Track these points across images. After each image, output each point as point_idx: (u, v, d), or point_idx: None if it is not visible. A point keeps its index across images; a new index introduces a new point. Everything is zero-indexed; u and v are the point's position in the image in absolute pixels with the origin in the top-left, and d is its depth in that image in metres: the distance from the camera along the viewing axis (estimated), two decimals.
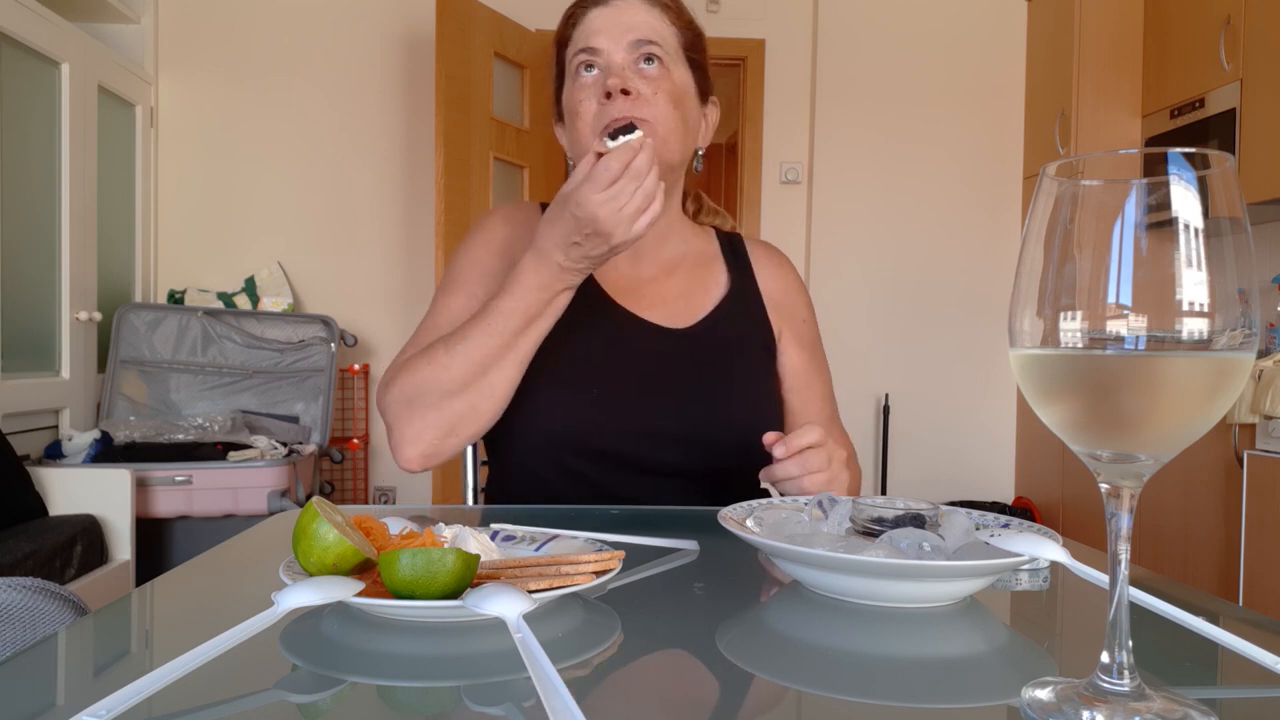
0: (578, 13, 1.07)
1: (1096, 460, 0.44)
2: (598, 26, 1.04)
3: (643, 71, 1.04)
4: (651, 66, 1.04)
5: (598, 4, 1.06)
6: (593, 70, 1.04)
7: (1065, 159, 0.43)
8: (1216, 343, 0.40)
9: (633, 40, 1.03)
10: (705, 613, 0.62)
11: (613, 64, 1.03)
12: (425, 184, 3.74)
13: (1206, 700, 0.45)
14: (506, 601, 0.50)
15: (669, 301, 1.15)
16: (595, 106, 1.03)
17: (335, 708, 0.47)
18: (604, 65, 1.04)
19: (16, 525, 2.41)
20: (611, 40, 1.04)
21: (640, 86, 1.02)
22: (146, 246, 3.71)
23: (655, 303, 1.14)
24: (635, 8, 1.05)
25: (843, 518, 0.71)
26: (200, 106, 3.79)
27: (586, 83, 1.04)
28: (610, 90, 1.01)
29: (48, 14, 2.95)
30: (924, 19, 4.01)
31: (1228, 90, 3.04)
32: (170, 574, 0.70)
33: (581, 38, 1.05)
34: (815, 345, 1.22)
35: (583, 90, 1.04)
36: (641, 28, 1.04)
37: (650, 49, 1.04)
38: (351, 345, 3.59)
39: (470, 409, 0.98)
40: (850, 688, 0.50)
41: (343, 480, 3.76)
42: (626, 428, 1.06)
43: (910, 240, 4.05)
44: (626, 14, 1.05)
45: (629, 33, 1.04)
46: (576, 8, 1.07)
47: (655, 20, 1.06)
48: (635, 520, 0.92)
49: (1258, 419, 2.54)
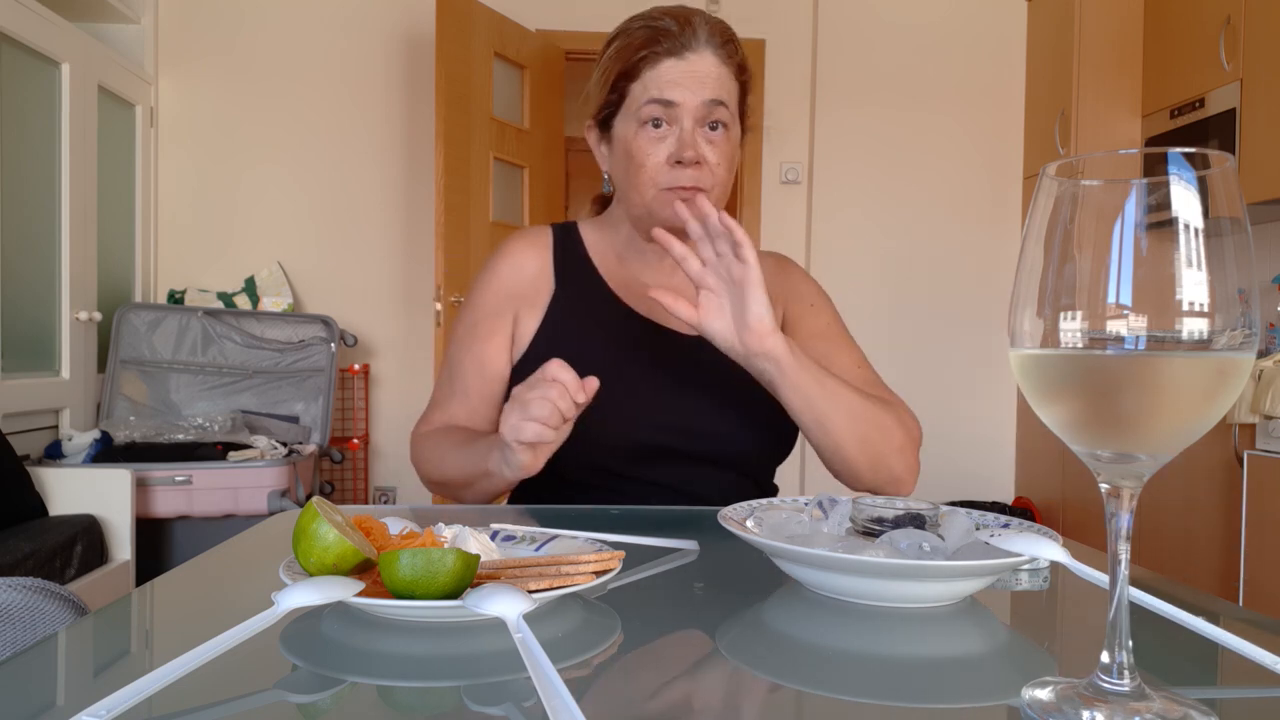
0: (651, 56, 1.08)
1: (1096, 460, 0.44)
2: (674, 78, 1.07)
3: (710, 137, 1.08)
4: (717, 133, 1.09)
5: (673, 55, 1.07)
6: (660, 126, 1.08)
7: (1065, 159, 0.43)
8: (1216, 343, 0.40)
9: (706, 100, 1.07)
10: (705, 613, 0.62)
11: (684, 125, 1.07)
12: (425, 184, 3.74)
13: (1206, 700, 0.45)
14: (506, 601, 0.50)
15: None
16: (663, 165, 1.07)
17: (335, 708, 0.47)
18: (674, 119, 1.07)
19: (16, 525, 2.41)
20: (687, 94, 1.07)
21: (708, 155, 1.07)
22: (146, 246, 3.71)
23: None
24: (710, 63, 1.08)
25: (843, 518, 0.71)
26: (200, 106, 3.79)
27: (654, 136, 1.08)
28: (684, 160, 1.06)
29: (48, 14, 2.95)
30: (924, 19, 4.01)
31: (1228, 90, 3.04)
32: (170, 574, 0.70)
33: (655, 85, 1.07)
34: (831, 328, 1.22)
35: (650, 144, 1.08)
36: (713, 85, 1.08)
37: (719, 113, 1.08)
38: (351, 345, 3.59)
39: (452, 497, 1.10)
40: (850, 688, 0.50)
41: (343, 480, 3.76)
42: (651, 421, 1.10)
43: (910, 240, 4.05)
44: (701, 68, 1.08)
45: (703, 90, 1.07)
46: (649, 48, 1.08)
47: (725, 76, 1.09)
48: (635, 520, 0.92)
49: (1258, 419, 2.54)
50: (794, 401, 1.00)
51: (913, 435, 1.09)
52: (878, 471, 1.05)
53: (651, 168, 1.08)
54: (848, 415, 1.01)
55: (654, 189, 1.08)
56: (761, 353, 0.97)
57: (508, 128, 3.68)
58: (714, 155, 1.08)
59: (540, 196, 3.87)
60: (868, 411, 1.03)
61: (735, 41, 1.12)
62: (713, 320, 0.98)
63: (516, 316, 1.18)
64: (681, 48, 1.07)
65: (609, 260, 1.21)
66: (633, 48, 1.09)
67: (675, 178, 1.07)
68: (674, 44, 1.07)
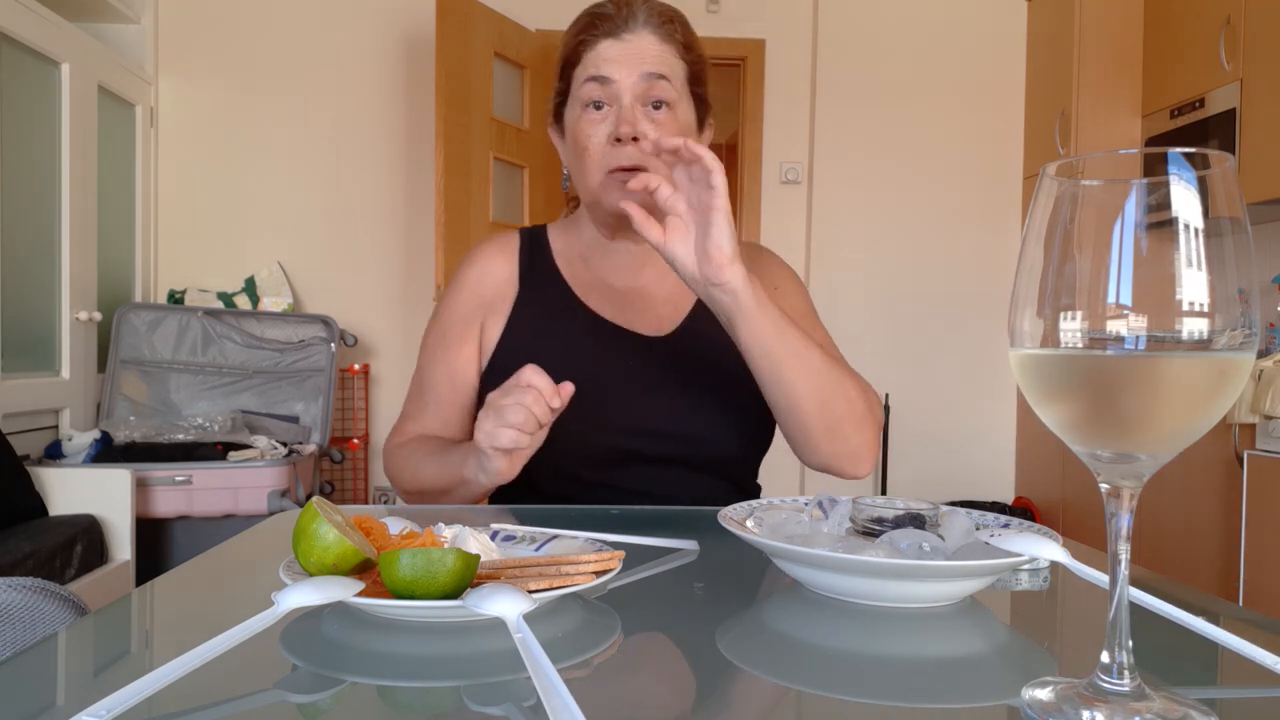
0: (589, 39, 1.07)
1: (1096, 460, 0.44)
2: (610, 55, 1.06)
3: (652, 116, 1.06)
4: (660, 112, 1.07)
5: (610, 35, 1.07)
6: (601, 108, 1.06)
7: (1065, 159, 0.43)
8: (1216, 343, 0.40)
9: (644, 73, 1.05)
10: (705, 613, 0.62)
11: (622, 103, 1.05)
12: (425, 184, 3.74)
13: (1206, 700, 0.45)
14: (506, 601, 0.50)
15: (651, 308, 1.17)
16: (604, 146, 1.06)
17: (335, 708, 0.47)
18: (613, 98, 1.06)
19: (16, 525, 2.41)
20: (623, 70, 1.05)
21: (648, 131, 1.04)
22: (146, 246, 3.71)
23: (635, 310, 1.16)
24: (648, 41, 1.07)
25: (843, 518, 0.71)
26: (200, 106, 3.79)
27: (595, 119, 1.06)
28: (621, 136, 1.04)
29: (48, 14, 2.95)
30: (924, 19, 4.01)
31: (1228, 90, 3.04)
32: (170, 574, 0.70)
33: (592, 64, 1.06)
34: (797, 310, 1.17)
35: (591, 125, 1.06)
36: (652, 61, 1.06)
37: (659, 87, 1.06)
38: (351, 345, 3.59)
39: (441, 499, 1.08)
40: (850, 688, 0.50)
41: (343, 480, 3.76)
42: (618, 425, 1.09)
43: (910, 240, 4.05)
44: (638, 46, 1.06)
45: (640, 65, 1.05)
46: (587, 32, 1.07)
47: (667, 55, 1.08)
48: (635, 520, 0.92)
49: (1258, 419, 2.54)
50: (751, 345, 0.96)
51: (875, 413, 1.05)
52: (834, 441, 1.01)
53: (594, 150, 1.06)
54: (807, 370, 0.97)
55: (599, 172, 1.07)
56: (720, 283, 0.92)
57: (508, 128, 3.68)
58: (655, 132, 1.05)
59: (540, 196, 3.87)
60: (830, 372, 0.99)
61: (678, 22, 1.10)
62: (676, 245, 0.93)
63: (483, 323, 1.17)
64: (618, 29, 1.06)
65: (574, 263, 1.19)
66: (573, 34, 1.09)
67: (615, 157, 1.05)
68: (610, 25, 1.06)
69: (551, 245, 1.21)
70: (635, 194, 0.94)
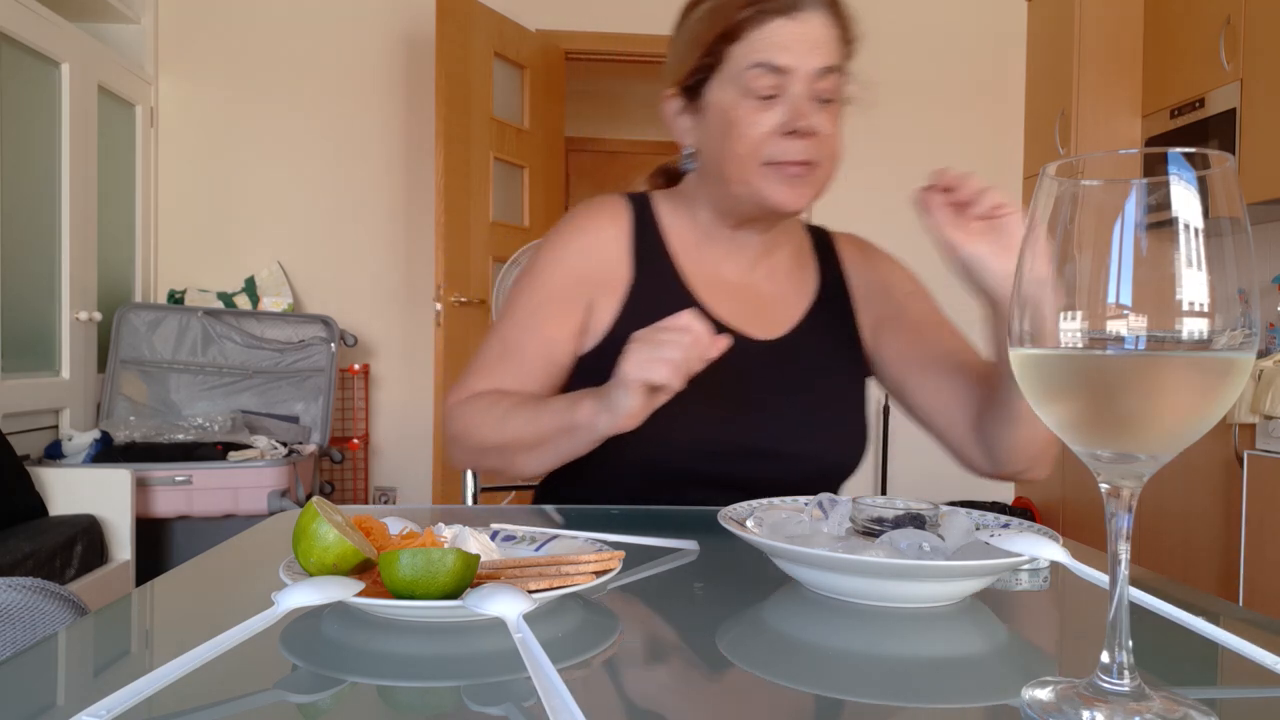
0: (757, 15, 0.98)
1: (1096, 460, 0.44)
2: (783, 41, 0.98)
3: (823, 108, 1.00)
4: (830, 106, 1.01)
5: (782, 13, 0.98)
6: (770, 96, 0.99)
7: (1065, 159, 0.43)
8: (1216, 343, 0.40)
9: (819, 68, 0.98)
10: (705, 613, 0.62)
11: (794, 92, 0.98)
12: (425, 184, 3.74)
13: (1206, 700, 0.45)
14: (506, 601, 0.50)
15: (764, 308, 1.11)
16: (770, 136, 0.99)
17: (335, 708, 0.47)
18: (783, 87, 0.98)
19: (16, 525, 2.41)
20: (799, 60, 0.98)
21: (820, 126, 0.99)
22: (146, 246, 3.71)
23: (749, 309, 1.10)
24: (820, 24, 0.99)
25: (843, 518, 0.71)
26: (200, 106, 3.79)
27: (760, 107, 0.99)
28: (799, 130, 0.98)
29: (48, 14, 2.95)
30: (924, 19, 4.01)
31: (1228, 90, 3.04)
32: (170, 574, 0.70)
33: (763, 47, 0.98)
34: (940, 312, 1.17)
35: (756, 113, 0.99)
36: (826, 51, 0.99)
37: (832, 81, 1.00)
38: (351, 345, 3.59)
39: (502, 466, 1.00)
40: (850, 688, 0.50)
41: (343, 480, 3.76)
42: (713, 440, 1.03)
43: (910, 240, 4.04)
44: (813, 29, 0.98)
45: (815, 55, 0.98)
46: (755, 6, 0.98)
47: (835, 41, 1.01)
48: (635, 520, 0.92)
49: (1258, 419, 2.54)
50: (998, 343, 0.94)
51: None
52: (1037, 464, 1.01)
53: (756, 139, 0.98)
54: None
55: (757, 162, 0.99)
56: None
57: (508, 128, 3.68)
58: (828, 127, 0.99)
59: (540, 196, 3.87)
60: None
61: (842, 3, 1.03)
62: (978, 244, 0.90)
63: (591, 304, 1.07)
64: (790, 6, 0.98)
65: (687, 247, 1.11)
66: (735, 5, 0.99)
67: (785, 150, 0.98)
68: (782, 2, 0.97)
69: (662, 225, 1.12)
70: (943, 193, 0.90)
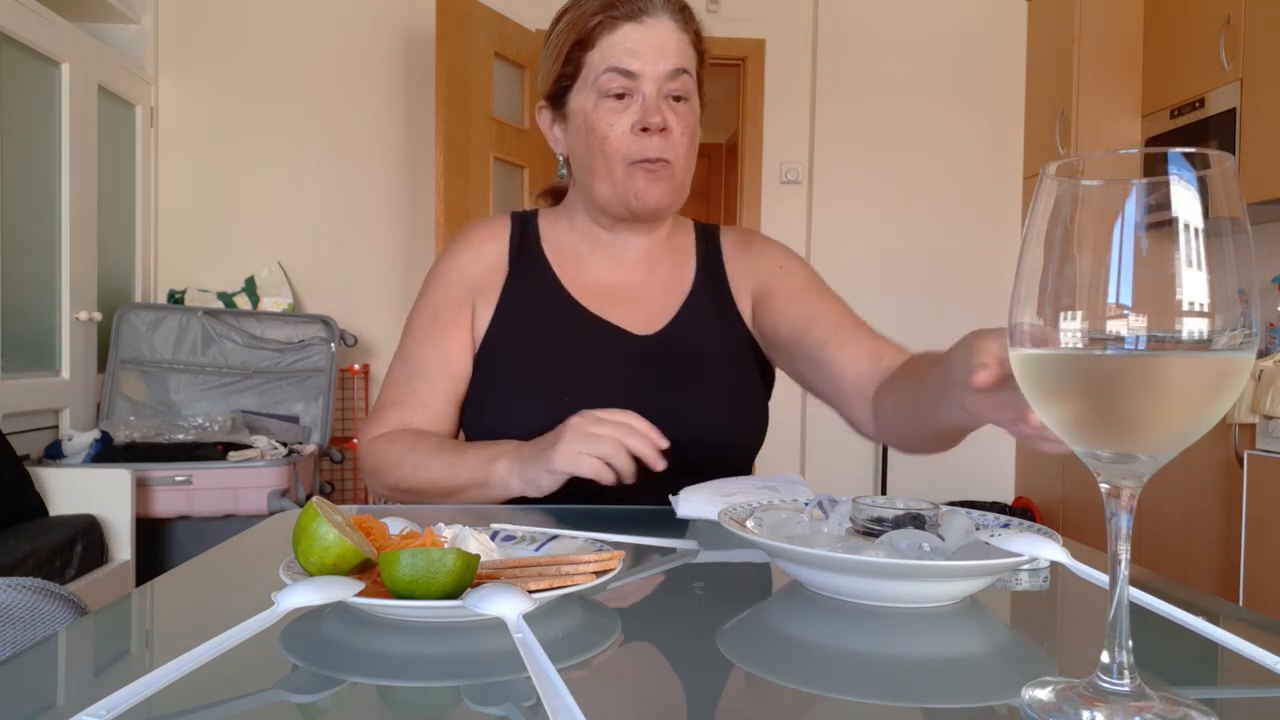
0: (607, 21, 1.05)
1: (1096, 460, 0.44)
2: (632, 46, 1.04)
3: (673, 107, 1.06)
4: (680, 103, 1.07)
5: (630, 19, 1.04)
6: (622, 97, 1.05)
7: (1065, 159, 0.43)
8: (1216, 343, 0.40)
9: (669, 70, 1.05)
10: (705, 613, 0.62)
11: (646, 93, 1.05)
12: (425, 184, 3.74)
13: (1206, 700, 0.45)
14: (506, 601, 0.50)
15: (641, 304, 1.15)
16: (628, 136, 1.05)
17: (335, 708, 0.47)
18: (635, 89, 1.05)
19: (16, 525, 2.41)
20: (648, 64, 1.04)
21: (672, 123, 1.05)
22: (146, 246, 3.71)
23: (625, 306, 1.14)
24: (668, 29, 1.06)
25: (843, 518, 0.71)
26: (200, 106, 3.79)
27: (617, 108, 1.05)
28: (649, 127, 1.04)
29: (48, 14, 2.95)
30: (924, 19, 4.01)
31: (1228, 90, 3.04)
32: (170, 574, 0.70)
33: (614, 54, 1.04)
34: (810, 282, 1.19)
35: (613, 115, 1.05)
36: (675, 55, 1.05)
37: (682, 82, 1.06)
38: (351, 345, 3.59)
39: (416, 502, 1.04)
40: (850, 688, 0.50)
41: (343, 480, 3.76)
42: None
43: (910, 240, 4.05)
44: (660, 35, 1.05)
45: (664, 59, 1.05)
46: (605, 14, 1.05)
47: (685, 45, 1.07)
48: (635, 520, 0.92)
49: (1258, 419, 2.54)
50: None
51: None
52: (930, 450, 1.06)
53: (615, 139, 1.05)
54: None
55: (622, 162, 1.05)
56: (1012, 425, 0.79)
57: (508, 128, 3.68)
58: (679, 125, 1.05)
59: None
60: None
61: (690, 9, 1.10)
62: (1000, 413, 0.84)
63: (474, 307, 1.13)
64: (638, 12, 1.04)
65: (562, 253, 1.17)
66: (586, 15, 1.06)
67: (642, 148, 1.04)
68: (630, 8, 1.04)
69: (541, 233, 1.18)
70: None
